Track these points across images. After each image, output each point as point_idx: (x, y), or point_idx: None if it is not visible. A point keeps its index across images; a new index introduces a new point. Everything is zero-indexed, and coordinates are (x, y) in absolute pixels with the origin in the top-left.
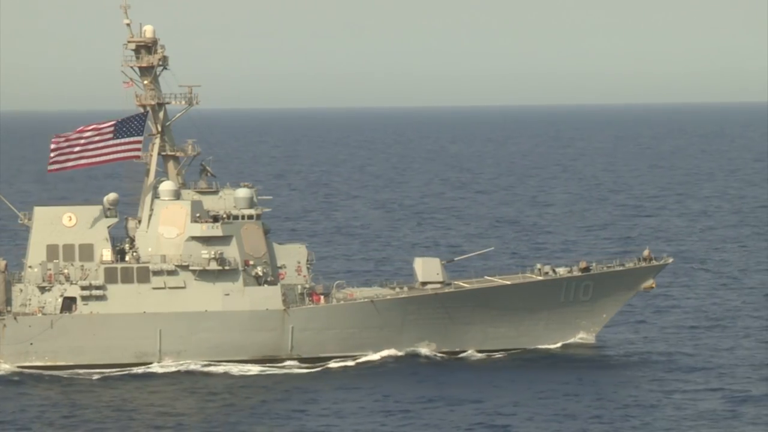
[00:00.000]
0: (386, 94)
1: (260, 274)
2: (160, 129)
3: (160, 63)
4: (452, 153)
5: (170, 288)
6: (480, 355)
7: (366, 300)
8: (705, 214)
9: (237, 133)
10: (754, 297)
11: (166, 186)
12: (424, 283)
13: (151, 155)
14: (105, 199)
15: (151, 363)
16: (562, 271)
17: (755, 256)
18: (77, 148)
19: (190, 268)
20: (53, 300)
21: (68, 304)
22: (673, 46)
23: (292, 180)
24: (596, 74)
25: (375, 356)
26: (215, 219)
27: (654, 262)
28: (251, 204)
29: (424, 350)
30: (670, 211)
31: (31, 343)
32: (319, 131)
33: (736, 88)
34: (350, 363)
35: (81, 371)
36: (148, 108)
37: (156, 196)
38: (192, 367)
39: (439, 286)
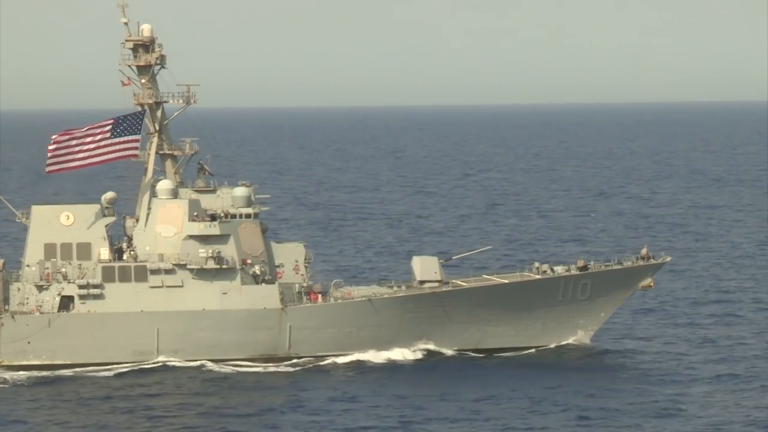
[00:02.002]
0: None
1: (258, 272)
2: (157, 128)
3: (158, 62)
4: (452, 153)
5: (168, 287)
6: (477, 354)
7: (364, 299)
8: (704, 213)
9: (235, 131)
10: (754, 296)
11: (164, 185)
12: (422, 282)
13: (149, 154)
14: (103, 197)
15: (148, 362)
16: (560, 269)
17: (754, 254)
18: (75, 148)
19: (188, 266)
20: (51, 299)
21: (66, 302)
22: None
23: (291, 179)
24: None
25: (373, 355)
26: (213, 218)
27: (652, 261)
28: (249, 203)
29: (422, 349)
30: (670, 210)
31: (29, 342)
32: (318, 130)
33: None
34: (348, 362)
35: (78, 370)
36: (146, 107)
37: (154, 194)
38: (189, 366)
39: (437, 284)
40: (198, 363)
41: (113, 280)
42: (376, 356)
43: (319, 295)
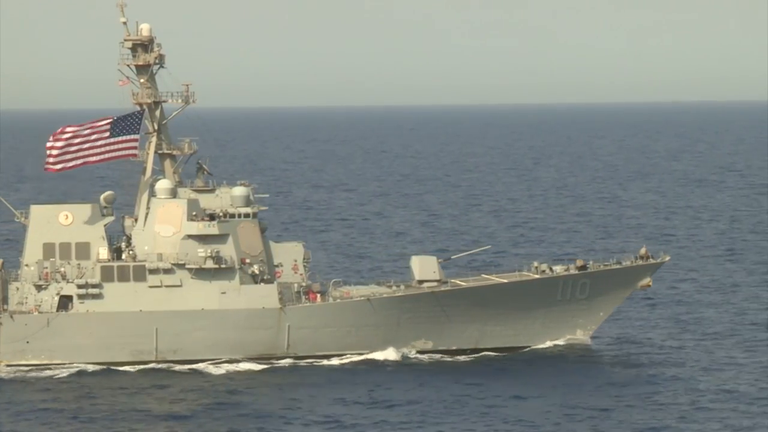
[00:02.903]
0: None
1: (257, 272)
2: (156, 127)
3: (157, 61)
4: (451, 152)
5: (167, 286)
6: (476, 354)
7: (362, 298)
8: (703, 213)
9: (234, 131)
10: (753, 296)
11: (163, 184)
12: (420, 282)
13: (148, 153)
14: (101, 197)
15: (147, 361)
16: (558, 269)
17: (753, 253)
18: (74, 147)
19: (187, 266)
20: (50, 298)
21: (65, 302)
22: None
23: (290, 178)
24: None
25: (371, 355)
26: (212, 217)
27: (651, 261)
28: (248, 202)
29: (421, 349)
30: (669, 210)
31: (28, 342)
32: (317, 130)
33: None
34: (347, 361)
35: (77, 370)
36: (145, 106)
37: (152, 194)
38: (188, 365)
39: (435, 284)
40: (196, 362)
41: (112, 280)
42: (374, 356)
43: (318, 295)
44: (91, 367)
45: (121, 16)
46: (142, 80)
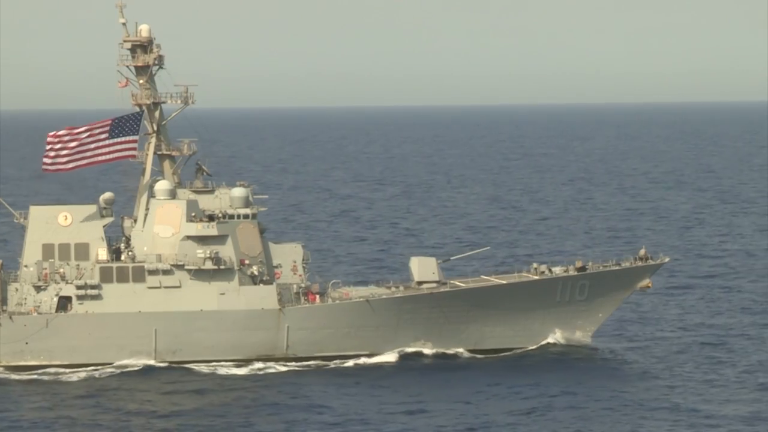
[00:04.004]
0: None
1: (256, 273)
2: (155, 128)
3: (156, 62)
4: (451, 152)
5: (166, 287)
6: (475, 355)
7: (361, 299)
8: (702, 213)
9: (233, 132)
10: (752, 295)
11: (162, 185)
12: (420, 283)
13: (147, 154)
14: (100, 198)
15: (146, 362)
16: (558, 270)
17: (752, 253)
18: (73, 149)
19: (186, 267)
20: (49, 299)
21: (64, 303)
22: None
23: (289, 179)
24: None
25: (370, 356)
26: (211, 218)
27: (650, 262)
28: (247, 203)
29: (420, 350)
30: (667, 210)
31: (27, 343)
32: (316, 130)
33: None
34: (346, 362)
35: (76, 371)
36: (144, 107)
37: (152, 195)
38: (187, 366)
39: (435, 285)
40: (196, 364)
41: (111, 281)
42: (373, 357)
43: (317, 296)
44: (90, 369)
45: (120, 17)
46: (141, 81)
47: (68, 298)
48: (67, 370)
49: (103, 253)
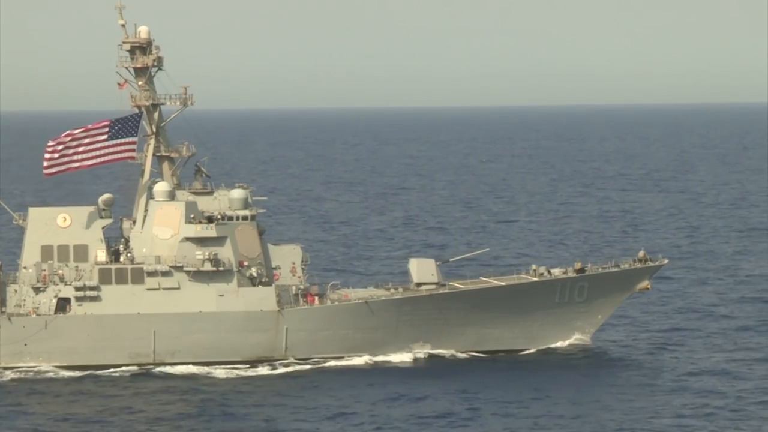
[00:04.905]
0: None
1: (255, 274)
2: (154, 130)
3: (155, 64)
4: (451, 152)
5: (164, 289)
6: (474, 357)
7: (360, 301)
8: (701, 214)
9: (232, 133)
10: (751, 295)
11: (161, 187)
12: (419, 284)
13: (146, 156)
14: (99, 199)
15: (145, 364)
16: (557, 272)
17: (751, 254)
18: (72, 150)
19: (185, 269)
20: (47, 301)
21: (62, 304)
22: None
23: (288, 180)
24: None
25: (369, 357)
26: (210, 220)
27: (649, 263)
28: (246, 205)
29: (419, 351)
30: (667, 211)
31: (26, 344)
32: (315, 131)
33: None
34: (345, 364)
35: (75, 372)
36: (143, 109)
37: (150, 196)
38: (186, 368)
39: (433, 286)
40: (195, 365)
41: (110, 282)
42: (372, 358)
43: (316, 297)
44: (88, 370)
45: (120, 19)
46: (140, 83)
47: (67, 300)
48: (66, 372)
49: (102, 255)
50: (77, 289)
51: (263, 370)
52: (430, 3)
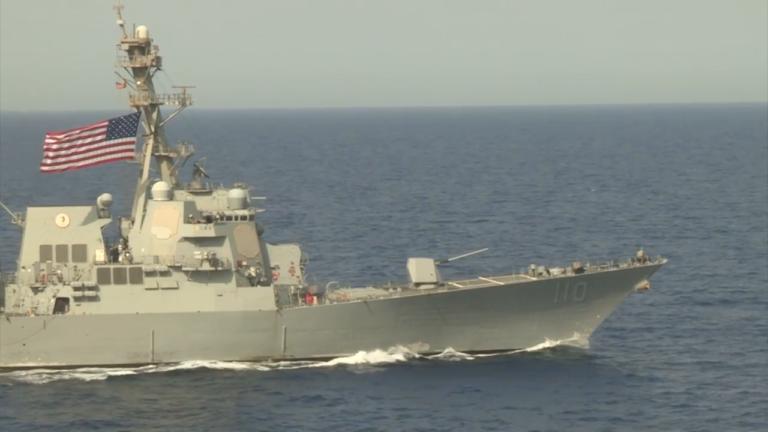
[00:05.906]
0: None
1: (253, 274)
2: (153, 129)
3: (154, 63)
4: (451, 152)
5: (163, 289)
6: (473, 356)
7: (359, 301)
8: (701, 214)
9: (230, 133)
10: (750, 296)
11: (160, 186)
12: (417, 284)
13: (145, 156)
14: (98, 199)
15: (144, 364)
16: (555, 271)
17: (750, 254)
18: (70, 149)
19: (183, 268)
20: (46, 300)
21: (61, 304)
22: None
23: (287, 180)
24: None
25: (368, 357)
26: (208, 219)
27: (648, 263)
28: (244, 204)
29: (418, 351)
30: (666, 211)
31: (24, 344)
32: (314, 131)
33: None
34: (343, 364)
35: (74, 372)
36: (142, 108)
37: (149, 196)
38: (185, 367)
39: (432, 286)
40: (193, 365)
41: (108, 282)
42: (371, 358)
43: (315, 297)
44: (87, 370)
45: (118, 19)
46: (138, 82)
47: (66, 300)
48: (65, 372)
49: (100, 255)
50: (76, 288)
51: (262, 370)
52: (430, 3)
